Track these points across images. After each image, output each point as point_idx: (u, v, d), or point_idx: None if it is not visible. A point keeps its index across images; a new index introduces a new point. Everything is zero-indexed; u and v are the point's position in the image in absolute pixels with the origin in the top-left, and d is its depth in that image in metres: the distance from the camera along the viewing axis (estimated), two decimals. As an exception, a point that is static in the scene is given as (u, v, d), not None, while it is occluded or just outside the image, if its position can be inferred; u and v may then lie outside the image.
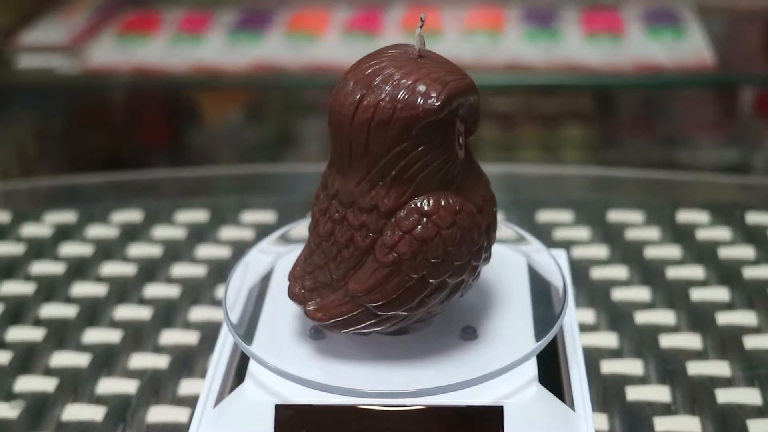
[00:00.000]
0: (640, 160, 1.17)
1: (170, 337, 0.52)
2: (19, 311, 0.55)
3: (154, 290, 0.56)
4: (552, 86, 1.09)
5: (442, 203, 0.36)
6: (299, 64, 1.04)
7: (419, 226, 0.36)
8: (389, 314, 0.37)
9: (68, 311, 0.54)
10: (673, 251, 0.57)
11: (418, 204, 0.36)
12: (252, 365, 0.39)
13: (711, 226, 0.60)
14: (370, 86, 0.35)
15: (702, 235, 0.59)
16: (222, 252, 0.59)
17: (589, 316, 0.52)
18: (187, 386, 0.48)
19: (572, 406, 0.39)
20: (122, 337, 0.52)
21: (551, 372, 0.41)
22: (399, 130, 0.35)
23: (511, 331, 0.40)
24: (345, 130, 0.36)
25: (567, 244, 0.58)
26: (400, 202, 0.36)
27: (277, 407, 0.38)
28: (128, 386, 0.48)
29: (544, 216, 0.61)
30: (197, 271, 0.57)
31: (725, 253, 0.57)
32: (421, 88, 0.35)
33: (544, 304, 0.42)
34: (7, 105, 1.17)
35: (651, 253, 0.57)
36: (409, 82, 0.35)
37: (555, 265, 0.43)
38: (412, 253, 0.36)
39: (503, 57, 1.02)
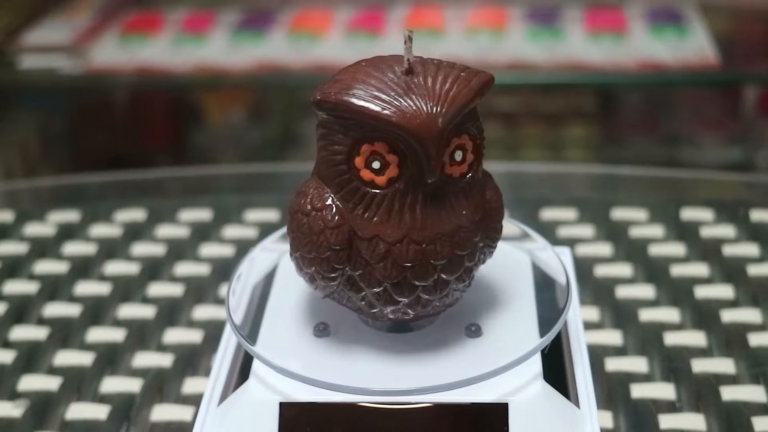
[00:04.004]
0: (644, 159, 1.17)
1: (174, 335, 0.52)
2: (23, 310, 0.55)
3: (158, 289, 0.56)
4: (555, 85, 1.08)
5: (311, 191, 0.37)
6: (302, 63, 1.03)
7: (296, 196, 0.38)
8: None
9: (72, 310, 0.54)
10: (677, 249, 0.57)
11: (307, 181, 0.38)
12: (256, 363, 0.39)
13: (715, 223, 0.60)
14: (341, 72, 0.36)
15: (706, 232, 0.59)
16: (225, 251, 0.59)
17: (593, 313, 0.52)
18: (191, 384, 0.48)
19: (577, 404, 0.39)
20: (126, 335, 0.52)
21: (556, 369, 0.41)
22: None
23: (516, 329, 0.40)
24: None
25: (571, 242, 0.58)
26: (313, 171, 0.38)
27: (282, 405, 0.38)
28: (132, 385, 0.48)
29: (548, 214, 0.61)
30: (201, 269, 0.57)
31: (729, 250, 0.57)
32: (332, 83, 0.35)
33: (549, 302, 0.42)
34: (11, 105, 1.17)
35: (655, 250, 0.57)
36: (342, 78, 0.36)
37: (559, 263, 0.43)
38: (288, 214, 0.38)
39: (506, 56, 1.02)
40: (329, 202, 0.37)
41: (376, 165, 0.36)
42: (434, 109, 0.34)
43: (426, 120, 0.34)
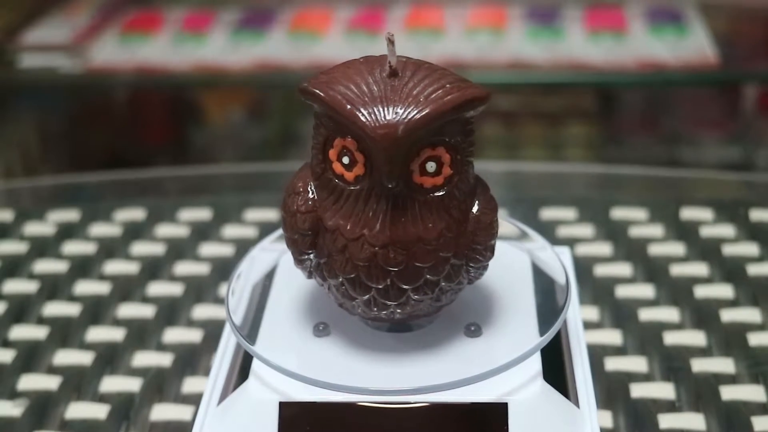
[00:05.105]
0: (644, 158, 1.17)
1: (174, 335, 0.52)
2: (23, 309, 0.55)
3: (158, 288, 0.56)
4: (555, 84, 1.08)
5: (299, 175, 0.38)
6: (302, 62, 1.04)
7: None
8: None
9: (71, 309, 0.54)
10: (677, 248, 0.57)
11: (303, 165, 0.39)
12: (256, 363, 0.39)
13: (715, 223, 0.60)
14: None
15: (706, 232, 0.59)
16: (225, 250, 0.59)
17: (593, 313, 0.52)
18: (190, 384, 0.48)
19: (576, 403, 0.39)
20: (125, 335, 0.52)
21: (555, 369, 0.41)
22: None
23: (515, 328, 0.40)
24: None
25: (571, 242, 0.58)
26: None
27: (281, 404, 0.38)
28: (132, 384, 0.48)
29: (548, 213, 0.61)
30: (200, 269, 0.57)
31: (729, 250, 0.57)
32: (322, 74, 0.36)
33: (548, 301, 0.42)
34: (10, 104, 1.17)
35: (655, 250, 0.57)
36: (332, 71, 0.36)
37: (558, 262, 0.43)
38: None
39: (506, 55, 1.02)
40: (307, 188, 0.37)
41: (345, 160, 0.36)
42: (399, 116, 0.34)
43: (386, 125, 0.33)
